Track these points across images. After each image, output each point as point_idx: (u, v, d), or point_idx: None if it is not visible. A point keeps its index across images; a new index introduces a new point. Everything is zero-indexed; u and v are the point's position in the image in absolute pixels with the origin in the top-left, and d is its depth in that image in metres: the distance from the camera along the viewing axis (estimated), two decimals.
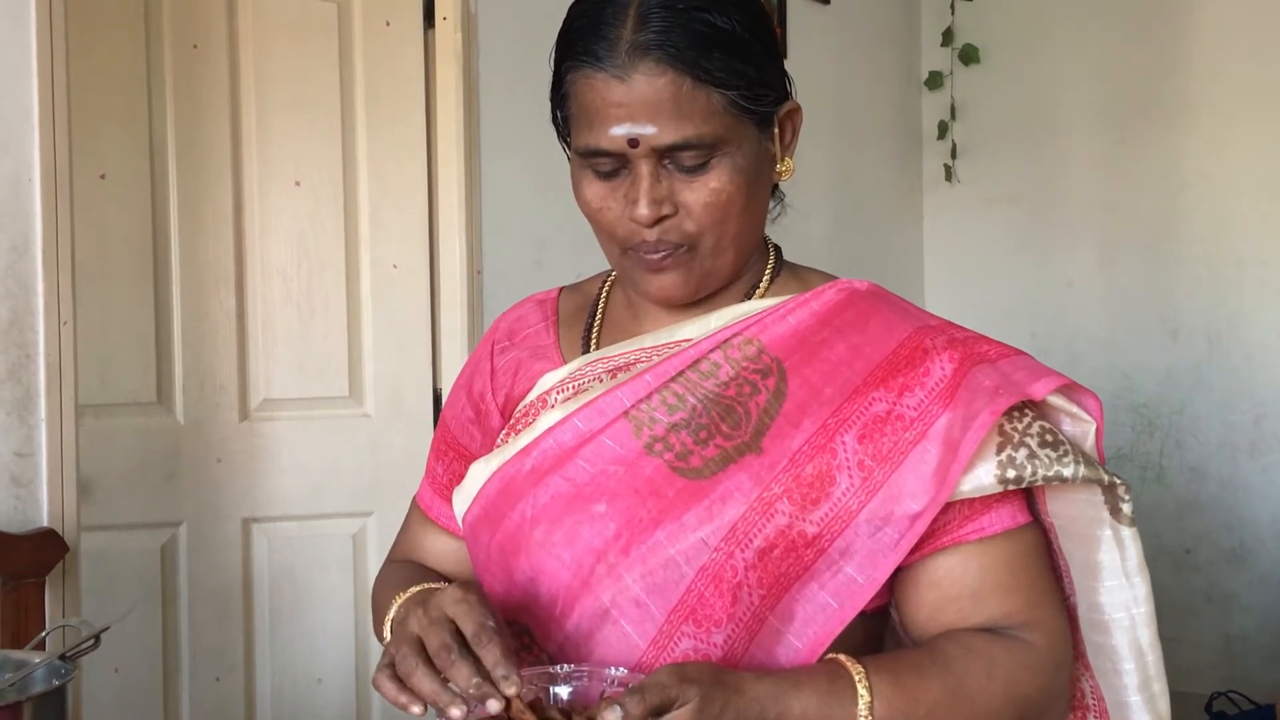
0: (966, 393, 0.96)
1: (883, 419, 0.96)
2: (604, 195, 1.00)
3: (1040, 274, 3.80)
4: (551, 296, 1.18)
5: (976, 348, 1.00)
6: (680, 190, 0.98)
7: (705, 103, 0.95)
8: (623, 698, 0.82)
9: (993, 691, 0.94)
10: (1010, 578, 0.97)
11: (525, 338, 1.14)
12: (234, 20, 2.36)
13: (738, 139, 0.98)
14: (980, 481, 0.95)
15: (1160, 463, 3.63)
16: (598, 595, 0.97)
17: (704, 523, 0.95)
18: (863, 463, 0.95)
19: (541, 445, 1.03)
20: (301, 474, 2.41)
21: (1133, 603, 0.99)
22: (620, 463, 0.99)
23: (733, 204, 0.98)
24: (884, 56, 3.86)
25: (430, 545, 1.18)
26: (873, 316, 1.02)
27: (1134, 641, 1.00)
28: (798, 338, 1.01)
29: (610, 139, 0.96)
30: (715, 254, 1.01)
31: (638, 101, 0.95)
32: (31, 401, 1.75)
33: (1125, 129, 3.65)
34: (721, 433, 0.98)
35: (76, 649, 1.07)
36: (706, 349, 1.02)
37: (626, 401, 1.01)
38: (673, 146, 0.95)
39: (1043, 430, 0.97)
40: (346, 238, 2.44)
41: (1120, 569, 0.99)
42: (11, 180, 1.73)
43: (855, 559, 0.94)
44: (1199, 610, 3.53)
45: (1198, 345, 3.57)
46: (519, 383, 1.11)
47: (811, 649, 0.95)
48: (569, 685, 0.90)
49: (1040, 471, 0.95)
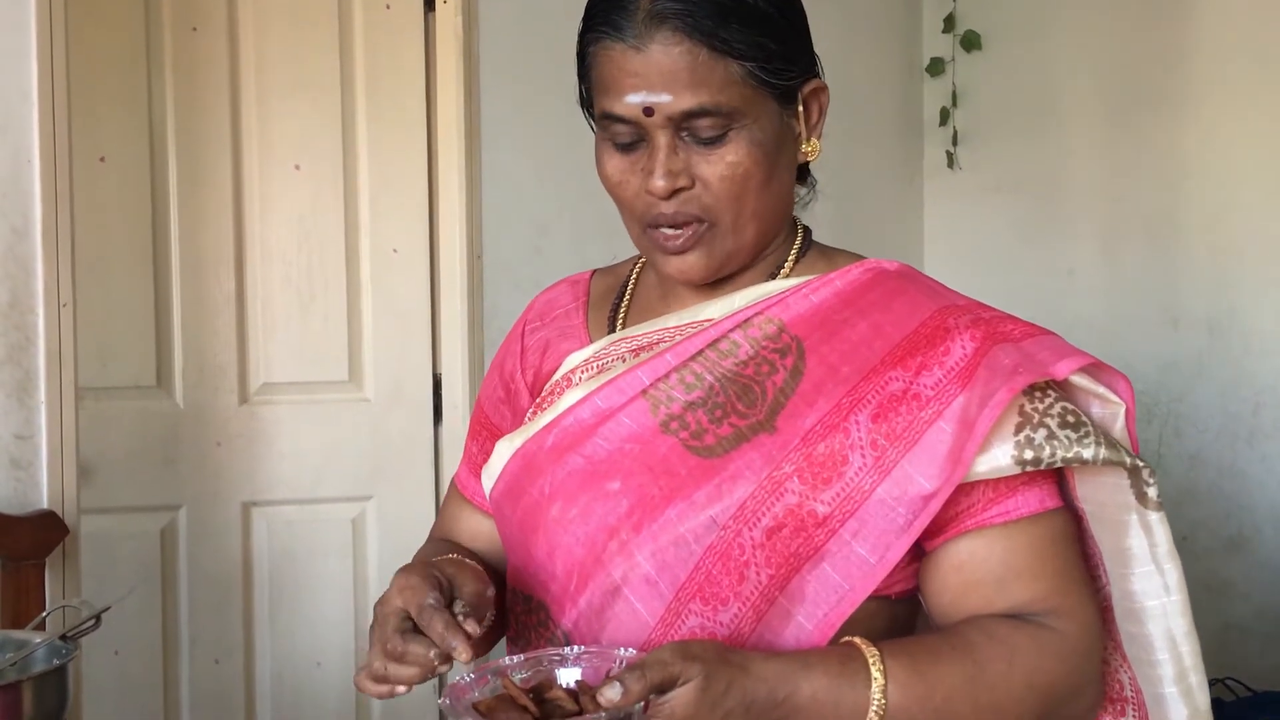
0: (986, 372, 0.94)
1: (898, 398, 0.95)
2: (623, 169, 1.00)
3: (1041, 262, 3.79)
4: (584, 278, 1.18)
5: (1001, 327, 0.98)
6: (698, 163, 0.97)
7: (723, 72, 0.95)
8: (623, 674, 0.82)
9: (1014, 679, 0.92)
10: (1037, 563, 0.95)
11: (555, 318, 1.15)
12: (234, 3, 2.36)
13: (756, 112, 0.97)
14: (997, 462, 0.93)
15: (1159, 450, 3.63)
16: (609, 572, 0.97)
17: (714, 501, 0.95)
18: (876, 442, 0.94)
19: (562, 423, 1.03)
20: (301, 458, 2.41)
21: (1164, 590, 0.97)
22: (636, 440, 0.99)
23: (751, 178, 0.97)
24: (885, 43, 3.85)
25: (465, 523, 1.19)
26: (899, 296, 1.01)
27: (1167, 631, 0.98)
28: (819, 316, 1.00)
29: (626, 106, 0.96)
30: (735, 231, 1.00)
31: (654, 70, 0.95)
32: (31, 384, 1.75)
33: (1128, 117, 3.64)
34: (737, 411, 0.98)
35: (77, 629, 1.07)
36: (727, 328, 1.01)
37: (646, 380, 1.01)
38: (688, 114, 0.95)
39: (1064, 411, 0.95)
40: (346, 222, 2.44)
41: (1149, 555, 0.97)
42: (11, 163, 1.72)
43: (868, 539, 0.93)
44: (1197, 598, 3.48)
45: (1198, 334, 3.57)
46: (547, 361, 1.12)
47: (822, 630, 0.94)
48: (578, 666, 0.90)
49: (1059, 453, 0.93)
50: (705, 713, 0.83)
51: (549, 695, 0.86)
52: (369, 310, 2.46)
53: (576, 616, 0.99)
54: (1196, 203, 3.56)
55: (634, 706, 0.82)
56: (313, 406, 2.42)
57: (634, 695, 0.81)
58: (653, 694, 0.82)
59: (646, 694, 0.81)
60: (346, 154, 2.43)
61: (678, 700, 0.82)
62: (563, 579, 1.00)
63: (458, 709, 0.85)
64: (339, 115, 2.42)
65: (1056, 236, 3.77)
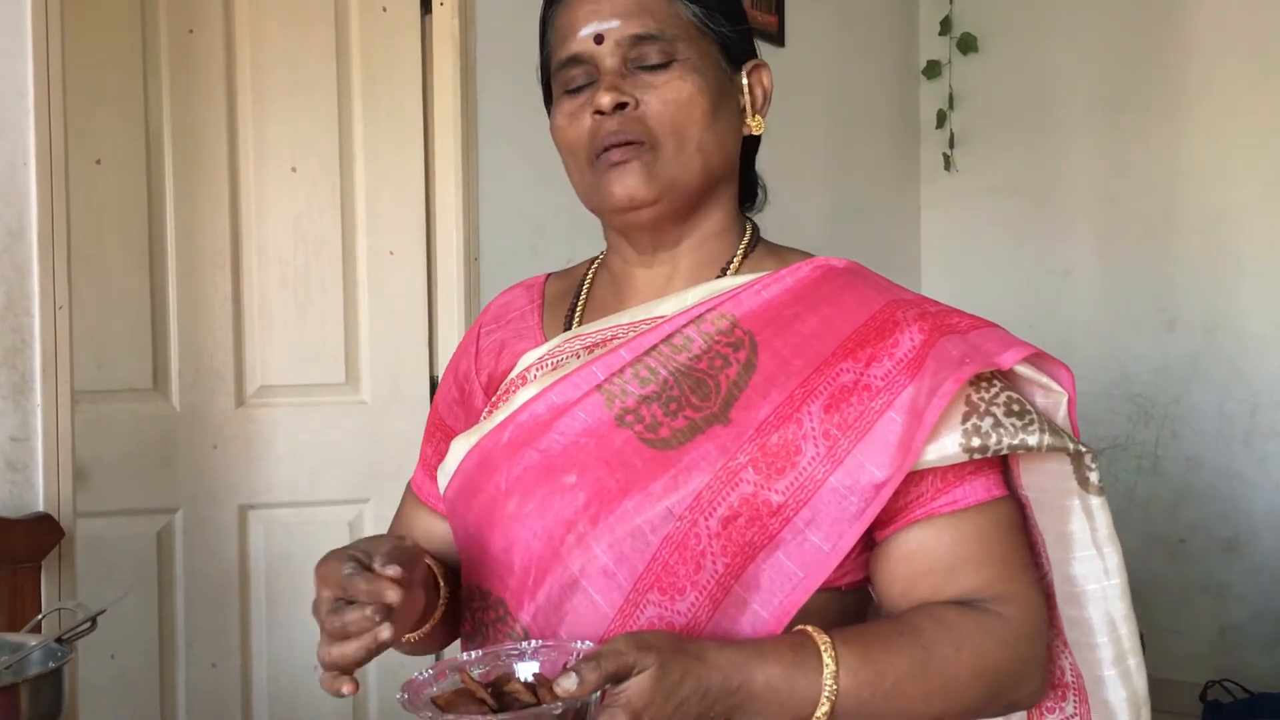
0: (934, 363, 0.96)
1: (849, 389, 0.97)
2: (572, 113, 1.04)
3: (1038, 264, 3.80)
4: (539, 281, 1.20)
5: (947, 319, 1.01)
6: (643, 89, 1.02)
7: (668, 6, 1.02)
8: (579, 664, 0.82)
9: (961, 663, 0.94)
10: (983, 550, 0.97)
11: (510, 320, 1.17)
12: (230, 4, 2.35)
13: (700, 54, 1.03)
14: (946, 450, 0.95)
15: (1156, 452, 3.63)
16: (567, 565, 0.98)
17: (670, 492, 0.96)
18: (828, 432, 0.96)
19: (518, 419, 1.04)
20: (298, 460, 2.41)
21: (1104, 574, 1.00)
22: (591, 434, 1.01)
23: (694, 108, 1.02)
24: (882, 45, 3.85)
25: (420, 525, 1.19)
26: (847, 291, 1.03)
27: (1106, 615, 1.00)
28: (770, 312, 1.03)
29: (579, 41, 1.02)
30: (678, 159, 1.02)
31: (605, 3, 1.02)
32: (27, 386, 1.74)
33: (1124, 119, 3.65)
34: (691, 404, 0.99)
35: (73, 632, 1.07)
36: (680, 324, 1.03)
37: (600, 375, 1.03)
38: (636, 38, 1.01)
39: (1010, 400, 0.97)
40: (343, 223, 2.43)
41: (1091, 539, 1.00)
42: (7, 165, 1.72)
43: (821, 528, 0.95)
44: (1193, 600, 3.54)
45: (1194, 335, 3.57)
46: (501, 361, 1.13)
47: (777, 618, 0.95)
48: (536, 660, 0.91)
49: (1005, 440, 0.95)
50: (660, 701, 0.84)
51: (507, 689, 0.87)
52: (366, 312, 2.46)
53: (535, 610, 0.99)
54: (1193, 204, 3.56)
55: (590, 696, 0.82)
56: (309, 409, 2.42)
57: (590, 685, 0.82)
58: (609, 683, 0.83)
59: (602, 683, 0.82)
60: (343, 156, 2.43)
61: (633, 689, 0.83)
62: (520, 573, 1.01)
63: (416, 703, 0.85)
64: (335, 117, 2.42)
65: (1052, 238, 3.78)
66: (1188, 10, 3.55)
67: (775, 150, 1.05)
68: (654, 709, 0.83)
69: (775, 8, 3.26)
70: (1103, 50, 3.67)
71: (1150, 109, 3.60)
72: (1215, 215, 3.53)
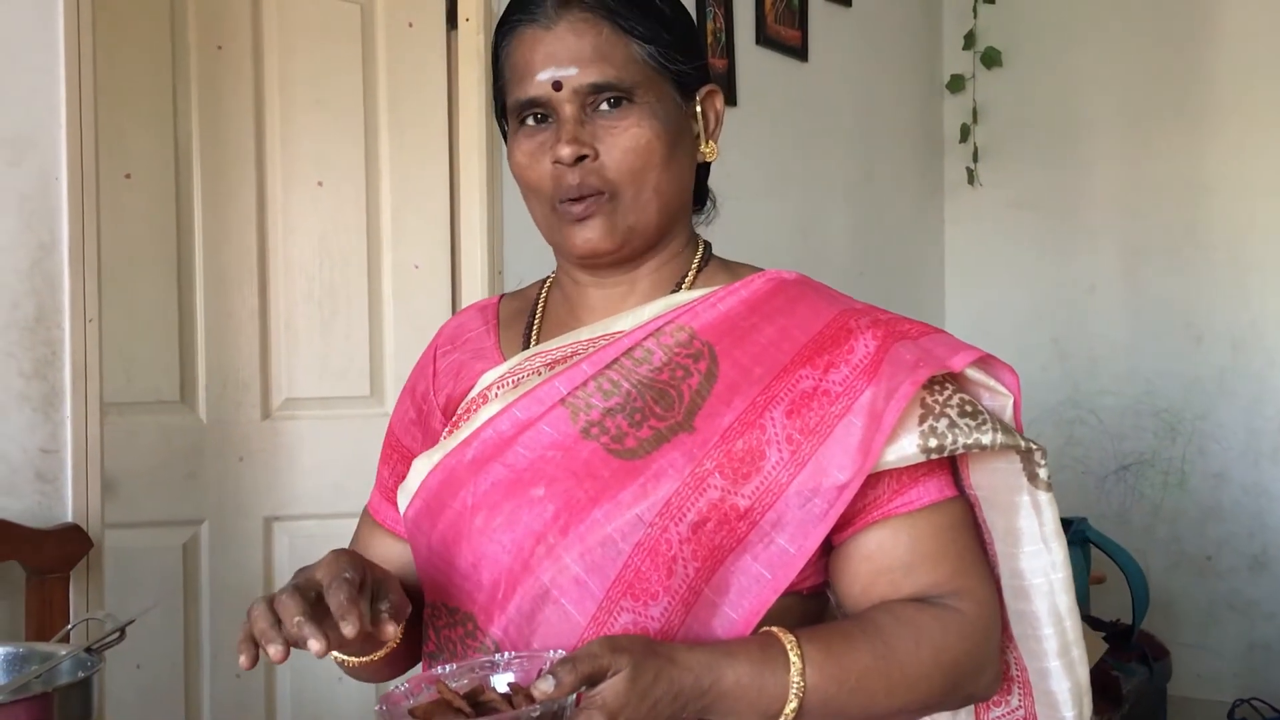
0: (889, 367, 1.00)
1: (810, 395, 1.00)
2: (532, 152, 1.05)
3: (1062, 278, 3.78)
4: (492, 303, 1.22)
5: (898, 326, 1.04)
6: (602, 136, 1.03)
7: (624, 50, 1.03)
8: (555, 667, 0.84)
9: (922, 657, 0.97)
10: (938, 548, 1.01)
11: (466, 341, 1.18)
12: (258, 22, 2.38)
13: (656, 94, 1.04)
14: (904, 451, 0.98)
15: (1183, 468, 3.60)
16: (538, 576, 0.99)
17: (639, 500, 0.98)
18: (791, 437, 0.99)
19: (481, 436, 1.06)
20: (323, 473, 2.42)
21: (1050, 568, 1.02)
22: (557, 447, 1.02)
23: (652, 151, 1.03)
24: (905, 59, 3.85)
25: (376, 548, 1.20)
26: (800, 301, 1.07)
27: (1053, 607, 1.03)
28: (728, 323, 1.05)
29: (536, 85, 1.03)
30: (636, 205, 1.05)
31: (561, 47, 1.03)
32: (57, 398, 1.76)
33: (1148, 132, 3.63)
34: (655, 414, 1.02)
35: (103, 641, 1.07)
36: (640, 338, 1.05)
37: (563, 389, 1.04)
38: (594, 87, 1.02)
39: (962, 401, 1.01)
40: (369, 237, 2.45)
41: (1039, 534, 1.02)
42: (39, 180, 1.74)
43: (786, 530, 0.97)
44: (1221, 618, 3.51)
45: (1221, 350, 3.55)
46: (460, 382, 1.14)
47: (746, 620, 0.97)
48: (509, 672, 0.92)
49: (960, 439, 0.99)
50: (635, 702, 0.86)
51: (483, 699, 0.88)
52: (390, 326, 2.47)
53: (505, 623, 1.00)
54: (1219, 218, 3.54)
55: (566, 699, 0.84)
56: (334, 421, 2.43)
57: (566, 687, 0.83)
58: (584, 686, 0.85)
59: (578, 686, 0.84)
60: (369, 170, 2.45)
61: (608, 691, 0.85)
62: (489, 588, 1.02)
63: (395, 715, 0.86)
64: (362, 132, 2.44)
65: (1078, 253, 3.76)
66: (1213, 23, 3.54)
67: (799, 164, 1.05)
68: (629, 710, 0.85)
69: (799, 23, 3.27)
70: (1127, 64, 3.66)
71: (1175, 122, 3.59)
72: (1242, 229, 3.51)
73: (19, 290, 1.73)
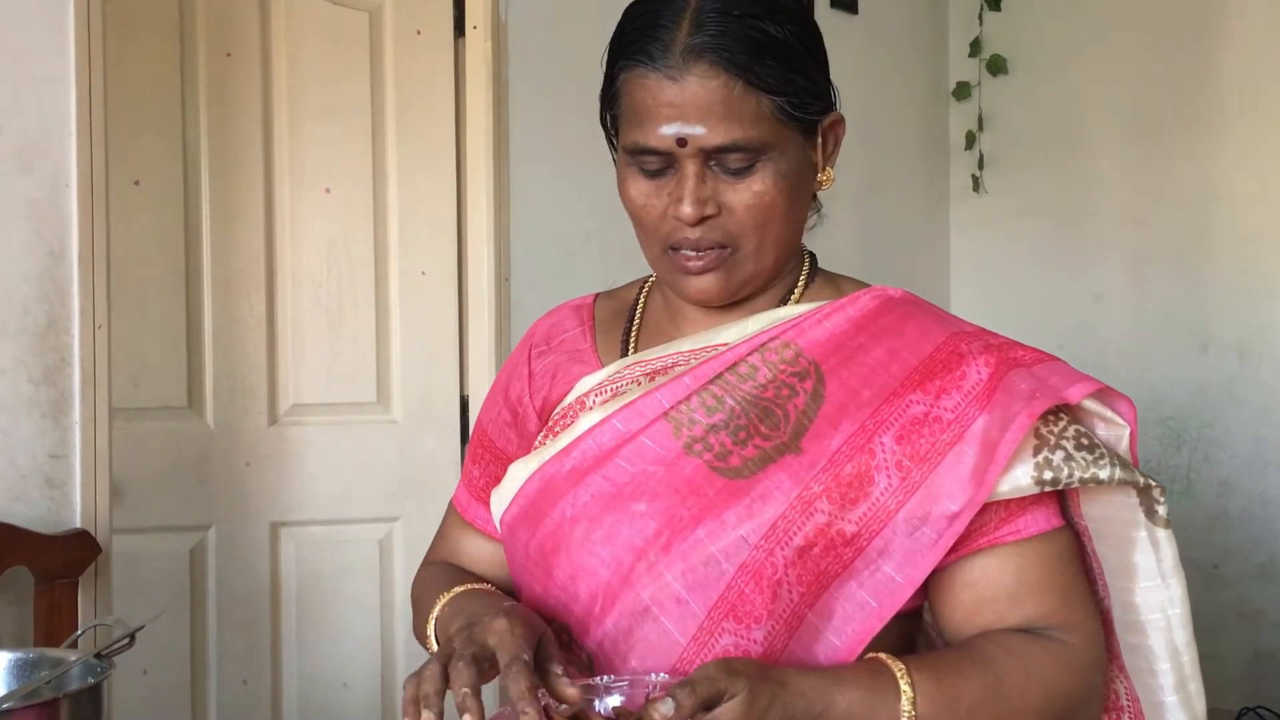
0: (1003, 395, 0.97)
1: (920, 420, 0.98)
2: (649, 193, 1.02)
3: (1069, 286, 3.77)
4: (587, 302, 1.19)
5: (1012, 353, 1.02)
6: (724, 192, 1.00)
7: (754, 107, 0.97)
8: (673, 689, 0.83)
9: (1031, 690, 0.95)
10: (1046, 579, 0.99)
11: (562, 342, 1.15)
12: (267, 29, 2.39)
13: (783, 145, 1.00)
14: (1018, 483, 0.96)
15: (1189, 476, 3.60)
16: (638, 593, 0.98)
17: (744, 520, 0.96)
18: (901, 463, 0.97)
19: (581, 445, 1.04)
20: (330, 479, 2.42)
21: (1169, 604, 1.01)
22: (660, 463, 1.01)
23: (775, 207, 1.01)
24: (912, 67, 3.85)
25: (467, 548, 1.19)
26: (909, 322, 1.04)
27: (1170, 642, 1.02)
28: (834, 342, 1.03)
29: (660, 138, 0.98)
30: (756, 257, 1.03)
31: (689, 102, 0.97)
32: (66, 404, 1.77)
33: (1155, 140, 3.63)
34: (760, 433, 1.00)
35: (112, 647, 1.08)
36: (744, 352, 1.03)
37: (665, 403, 1.02)
38: (720, 148, 0.98)
39: (1078, 433, 0.98)
40: (376, 244, 2.46)
41: (1156, 570, 1.01)
42: (49, 187, 1.75)
43: (894, 558, 0.96)
44: (1228, 626, 3.50)
45: (1228, 359, 3.54)
46: (556, 386, 1.12)
47: (850, 647, 0.96)
48: (612, 695, 0.90)
49: (1077, 473, 0.97)
50: None
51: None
52: (397, 332, 2.48)
53: (601, 637, 0.99)
54: (1226, 225, 3.54)
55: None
56: (341, 428, 2.44)
57: (686, 710, 0.82)
58: (700, 710, 0.84)
59: (697, 709, 0.83)
60: (376, 177, 2.46)
61: (725, 714, 0.84)
62: (586, 601, 1.00)
63: None
64: (369, 139, 2.45)
65: (1084, 260, 3.75)
66: (1219, 30, 3.53)
67: None
68: None
69: None
70: (1133, 71, 3.66)
71: (1181, 129, 3.58)
72: (1249, 236, 3.51)
73: (29, 297, 1.74)
